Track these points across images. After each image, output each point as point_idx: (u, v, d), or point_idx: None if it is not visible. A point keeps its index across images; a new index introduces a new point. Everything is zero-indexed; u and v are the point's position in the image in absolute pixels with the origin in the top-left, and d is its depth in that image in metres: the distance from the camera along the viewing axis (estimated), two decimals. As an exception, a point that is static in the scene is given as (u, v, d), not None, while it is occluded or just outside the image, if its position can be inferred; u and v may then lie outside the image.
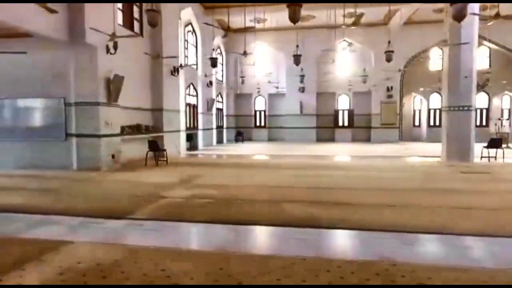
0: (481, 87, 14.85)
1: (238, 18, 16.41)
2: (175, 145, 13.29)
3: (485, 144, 11.06)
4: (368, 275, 2.82)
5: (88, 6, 8.14)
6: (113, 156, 9.37)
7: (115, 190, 6.67)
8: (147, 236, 3.96)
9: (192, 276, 2.79)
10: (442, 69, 20.02)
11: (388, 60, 11.91)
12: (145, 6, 11.31)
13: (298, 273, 2.86)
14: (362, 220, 4.43)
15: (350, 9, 14.21)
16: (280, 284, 2.68)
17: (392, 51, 11.62)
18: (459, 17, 6.11)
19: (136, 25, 11.40)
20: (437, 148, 13.75)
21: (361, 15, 9.95)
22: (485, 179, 7.75)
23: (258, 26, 17.65)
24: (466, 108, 10.51)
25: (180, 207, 5.22)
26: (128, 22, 10.94)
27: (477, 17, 10.04)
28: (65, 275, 2.80)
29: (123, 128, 10.06)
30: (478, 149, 11.04)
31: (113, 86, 8.94)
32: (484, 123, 20.33)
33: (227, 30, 10.26)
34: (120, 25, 9.96)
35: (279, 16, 17.64)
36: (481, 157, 10.88)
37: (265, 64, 22.35)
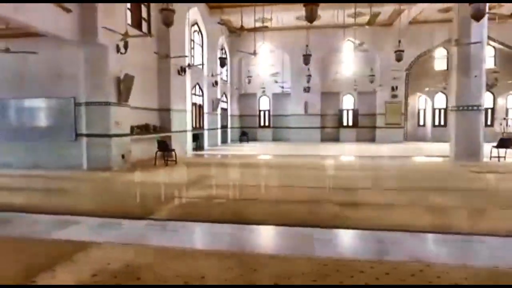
0: (489, 87, 14.83)
1: (244, 18, 16.37)
2: (182, 145, 13.27)
3: (494, 144, 11.04)
4: (403, 275, 2.80)
5: (100, 6, 8.11)
6: (123, 156, 9.34)
7: (130, 190, 6.64)
8: (170, 236, 3.93)
9: (226, 277, 2.77)
10: (447, 69, 20.20)
11: (399, 59, 11.91)
12: (155, 5, 11.32)
13: (332, 274, 2.84)
14: (380, 220, 4.41)
15: (358, 9, 14.17)
16: (316, 284, 2.66)
17: (403, 51, 11.61)
18: (478, 16, 6.07)
19: (144, 25, 11.37)
20: (443, 148, 13.75)
21: (378, 14, 9.87)
22: (499, 179, 7.72)
23: (258, 25, 17.58)
24: (475, 107, 10.49)
25: (197, 207, 5.20)
26: (136, 22, 10.92)
27: (486, 16, 10.00)
28: (98, 277, 2.78)
29: (132, 128, 10.03)
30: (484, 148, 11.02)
31: (124, 86, 8.92)
32: (489, 123, 20.28)
33: (240, 30, 10.21)
34: (128, 24, 9.94)
35: (284, 15, 17.66)
36: (491, 157, 10.85)
37: (270, 64, 22.31)
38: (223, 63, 14.43)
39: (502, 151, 10.84)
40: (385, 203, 5.34)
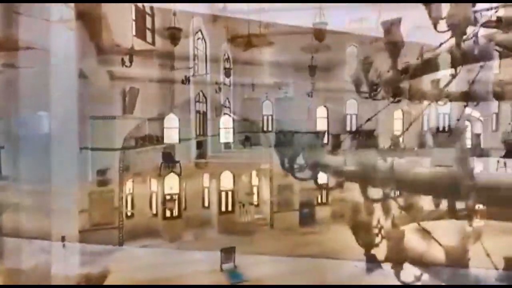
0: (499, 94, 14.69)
1: (246, 23, 16.25)
2: (186, 153, 13.20)
3: (499, 152, 10.88)
4: None
5: (105, 20, 8.05)
6: (127, 168, 9.29)
7: (139, 206, 6.58)
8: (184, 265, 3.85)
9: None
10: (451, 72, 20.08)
11: (406, 72, 11.82)
12: (160, 15, 11.27)
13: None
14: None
15: (363, 15, 14.11)
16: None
17: (410, 63, 11.49)
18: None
19: (148, 34, 11.31)
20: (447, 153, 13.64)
21: None
22: None
23: (263, 31, 17.46)
24: (483, 118, 10.40)
25: (215, 225, 5.12)
26: (141, 32, 10.84)
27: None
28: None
29: (136, 140, 9.98)
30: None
31: (129, 99, 8.88)
32: (494, 128, 20.16)
33: (247, 46, 10.15)
34: (133, 35, 9.88)
35: (288, 20, 17.52)
36: (497, 168, 10.70)
37: (273, 69, 22.20)
38: (228, 73, 14.34)
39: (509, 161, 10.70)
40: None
